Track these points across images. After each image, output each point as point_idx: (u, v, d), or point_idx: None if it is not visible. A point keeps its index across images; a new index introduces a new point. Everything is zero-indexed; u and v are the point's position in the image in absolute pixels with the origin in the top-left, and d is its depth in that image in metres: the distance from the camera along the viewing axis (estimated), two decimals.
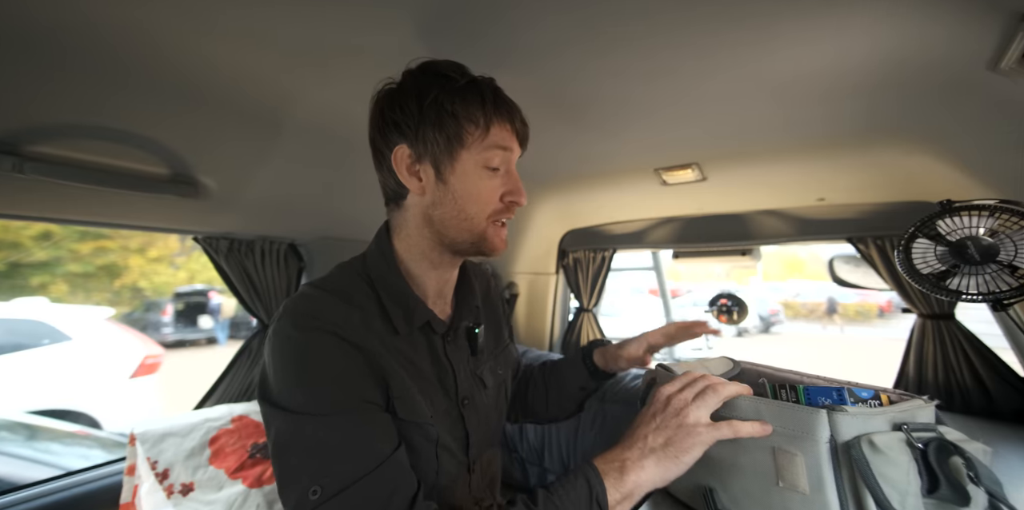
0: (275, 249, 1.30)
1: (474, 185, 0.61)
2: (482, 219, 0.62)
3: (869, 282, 1.26)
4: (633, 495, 0.53)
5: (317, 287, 0.61)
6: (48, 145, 0.78)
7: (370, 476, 0.50)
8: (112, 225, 1.06)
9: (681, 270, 12.35)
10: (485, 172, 0.61)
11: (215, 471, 1.03)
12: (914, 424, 0.50)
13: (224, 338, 8.64)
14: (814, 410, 0.50)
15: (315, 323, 0.55)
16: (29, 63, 0.65)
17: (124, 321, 7.28)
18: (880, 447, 0.46)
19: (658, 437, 0.55)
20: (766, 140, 1.01)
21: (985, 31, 0.59)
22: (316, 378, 0.54)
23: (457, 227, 0.62)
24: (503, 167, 0.63)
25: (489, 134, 0.60)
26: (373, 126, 0.64)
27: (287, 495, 0.51)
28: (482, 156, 0.60)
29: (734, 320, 1.66)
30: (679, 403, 0.57)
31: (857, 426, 0.49)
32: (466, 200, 0.61)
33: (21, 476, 1.38)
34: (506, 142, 0.62)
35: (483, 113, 0.59)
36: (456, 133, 0.59)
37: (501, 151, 0.61)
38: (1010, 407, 1.04)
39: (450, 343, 0.68)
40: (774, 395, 0.61)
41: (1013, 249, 0.69)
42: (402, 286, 0.64)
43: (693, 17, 0.61)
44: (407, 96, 0.60)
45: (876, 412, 0.50)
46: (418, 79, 0.60)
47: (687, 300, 8.29)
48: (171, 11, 0.59)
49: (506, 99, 0.63)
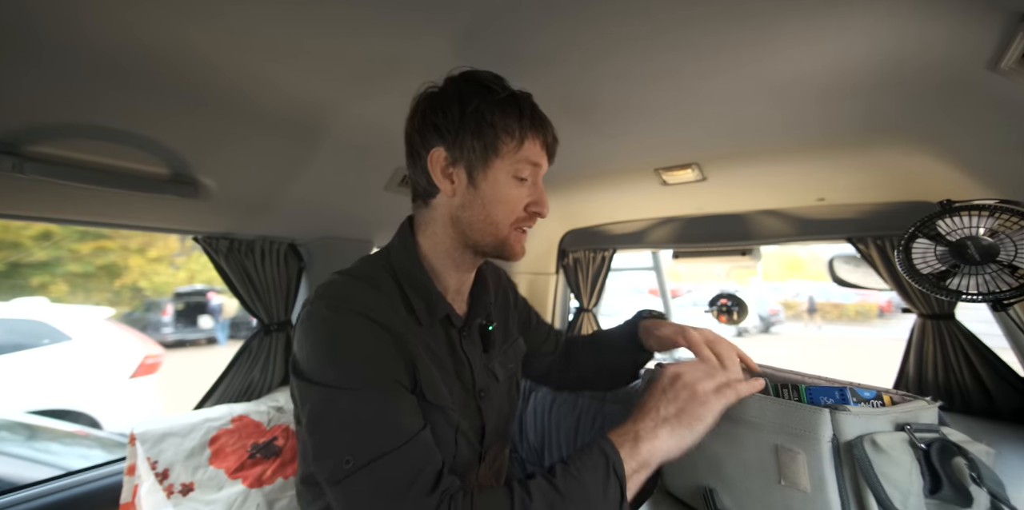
0: (275, 249, 1.30)
1: (503, 192, 0.65)
2: (506, 225, 0.66)
3: (869, 282, 1.26)
4: (649, 463, 0.54)
5: (346, 275, 0.65)
6: (48, 145, 0.78)
7: (399, 450, 0.53)
8: (112, 225, 1.06)
9: (681, 270, 12.35)
10: (514, 181, 0.65)
11: (215, 471, 1.03)
12: (917, 425, 0.50)
13: (224, 338, 8.64)
14: (817, 409, 0.51)
15: (347, 305, 0.58)
16: (29, 63, 0.65)
17: (124, 321, 7.28)
18: (883, 447, 0.46)
19: (670, 407, 0.56)
20: (766, 140, 1.01)
21: (985, 31, 0.59)
22: (349, 355, 0.57)
23: (482, 230, 0.66)
24: (531, 179, 0.67)
25: (523, 147, 0.64)
26: (412, 126, 0.67)
27: (322, 465, 0.54)
28: (513, 167, 0.64)
29: (734, 320, 1.66)
30: (690, 378, 0.58)
31: (860, 426, 0.49)
32: (494, 205, 0.65)
33: (21, 476, 1.39)
34: (537, 158, 0.66)
35: (520, 127, 0.63)
36: (493, 142, 0.63)
37: (531, 165, 0.66)
38: (1010, 407, 1.04)
39: (465, 337, 0.71)
40: (776, 394, 0.61)
41: (1013, 249, 0.69)
42: (425, 280, 0.67)
43: (694, 18, 0.61)
44: (450, 102, 0.63)
45: (879, 412, 0.50)
46: (461, 87, 0.64)
47: (687, 300, 8.30)
48: (171, 10, 0.59)
49: (541, 115, 0.67)
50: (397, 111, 0.70)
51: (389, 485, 0.51)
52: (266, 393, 1.29)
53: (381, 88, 0.82)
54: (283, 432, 1.13)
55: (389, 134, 1.02)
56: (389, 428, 0.54)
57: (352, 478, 0.51)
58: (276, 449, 1.10)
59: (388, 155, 1.13)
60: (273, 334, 1.30)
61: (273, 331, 1.30)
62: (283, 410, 1.19)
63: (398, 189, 1.26)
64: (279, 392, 1.29)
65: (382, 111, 0.91)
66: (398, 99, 0.86)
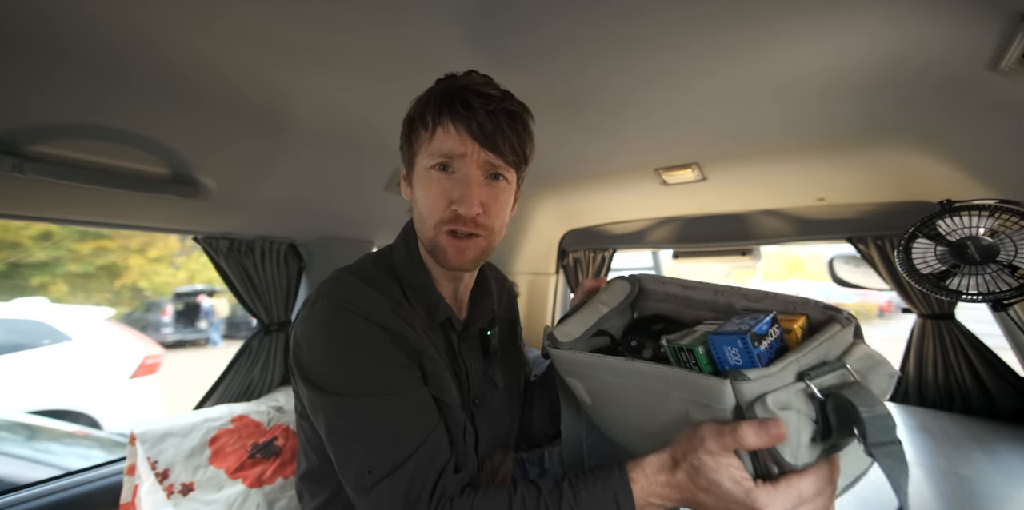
0: (275, 249, 1.30)
1: (424, 189, 0.60)
2: (431, 225, 0.60)
3: (869, 282, 1.26)
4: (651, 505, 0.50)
5: (349, 273, 0.63)
6: (48, 145, 0.78)
7: (417, 453, 0.53)
8: (112, 225, 1.06)
9: (681, 270, 12.37)
10: (432, 174, 0.59)
11: (215, 471, 1.03)
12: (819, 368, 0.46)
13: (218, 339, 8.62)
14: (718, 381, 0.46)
15: (351, 307, 0.57)
16: (29, 63, 0.65)
17: (124, 321, 7.28)
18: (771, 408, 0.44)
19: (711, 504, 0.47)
20: (766, 140, 1.01)
21: (985, 31, 0.59)
22: (359, 361, 0.55)
23: (420, 230, 0.63)
24: (460, 172, 0.58)
25: (435, 137, 0.58)
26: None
27: (346, 475, 0.54)
28: (428, 160, 0.59)
29: None
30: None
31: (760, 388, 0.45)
32: (421, 204, 0.61)
33: (21, 476, 1.38)
34: (452, 147, 0.57)
35: (430, 114, 0.58)
36: (410, 137, 0.61)
37: (444, 157, 0.58)
38: (1010, 407, 1.04)
39: (464, 342, 0.69)
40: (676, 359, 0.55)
41: (1013, 249, 0.69)
42: (427, 282, 0.65)
43: (694, 17, 0.61)
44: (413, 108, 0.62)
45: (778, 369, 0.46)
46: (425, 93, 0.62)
47: None
48: (171, 10, 0.59)
49: (463, 98, 0.56)
50: (396, 112, 0.70)
51: (411, 490, 0.51)
52: (266, 393, 1.29)
53: (381, 89, 0.82)
54: (283, 432, 1.13)
55: (389, 135, 1.02)
56: (406, 433, 0.54)
57: (378, 488, 0.51)
58: (276, 449, 1.10)
59: (388, 156, 1.13)
60: (273, 334, 1.30)
61: (273, 331, 1.30)
62: (283, 410, 1.18)
63: (398, 189, 1.26)
64: (279, 392, 1.29)
65: (382, 112, 0.91)
66: (398, 100, 0.86)
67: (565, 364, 0.61)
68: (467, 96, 0.57)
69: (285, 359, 1.33)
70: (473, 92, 0.57)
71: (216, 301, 8.71)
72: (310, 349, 0.57)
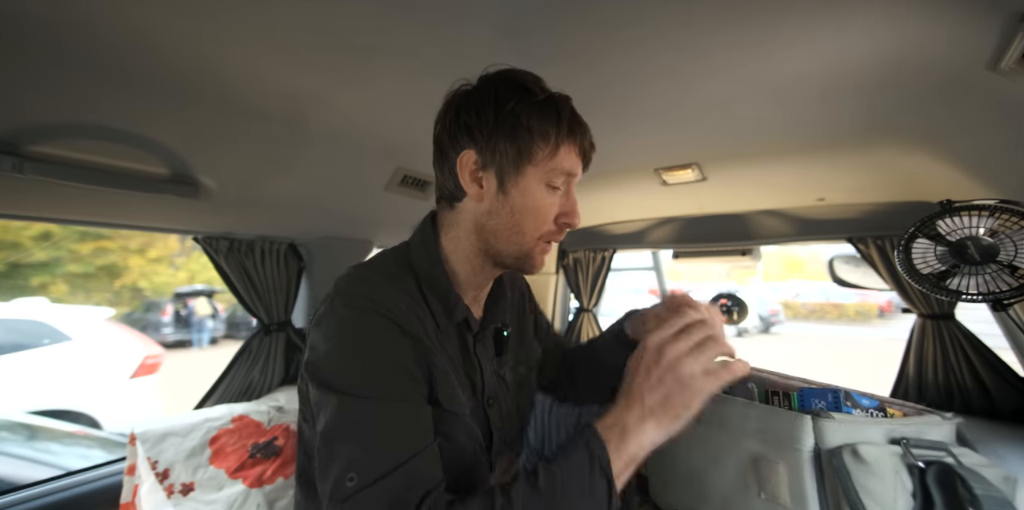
0: (275, 249, 1.30)
1: (534, 201, 0.61)
2: (534, 237, 0.62)
3: (869, 282, 1.26)
4: (636, 459, 0.52)
5: (368, 269, 0.62)
6: (48, 145, 0.78)
7: (405, 467, 0.50)
8: (112, 225, 1.06)
9: (681, 270, 12.36)
10: (547, 190, 0.61)
11: (215, 471, 1.03)
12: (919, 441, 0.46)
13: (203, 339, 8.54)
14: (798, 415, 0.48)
15: (370, 305, 0.55)
16: (29, 63, 0.65)
17: (124, 321, 7.27)
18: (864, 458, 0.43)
19: (655, 394, 0.52)
20: (766, 140, 1.01)
21: (985, 31, 0.59)
22: (370, 361, 0.54)
23: (507, 240, 0.62)
24: (564, 188, 0.63)
25: (558, 154, 0.60)
26: (443, 126, 0.63)
27: (324, 482, 0.51)
28: (547, 175, 0.60)
29: (734, 320, 1.66)
30: (673, 354, 0.53)
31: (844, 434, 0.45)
32: (523, 215, 0.61)
33: (21, 476, 1.38)
34: (572, 166, 0.62)
35: (556, 132, 0.59)
36: (527, 147, 0.59)
37: (565, 174, 0.61)
38: (1010, 407, 1.04)
39: (479, 342, 0.69)
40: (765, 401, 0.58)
41: (1013, 249, 0.69)
42: (446, 282, 0.64)
43: (694, 18, 0.61)
44: (484, 102, 0.59)
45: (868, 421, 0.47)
46: (497, 86, 0.60)
47: None
48: (171, 10, 0.59)
49: (580, 120, 0.63)
50: (397, 111, 0.70)
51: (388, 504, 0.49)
52: (266, 393, 1.29)
53: (382, 90, 0.82)
54: (283, 432, 1.13)
55: (389, 134, 1.02)
56: (402, 442, 0.52)
57: (358, 497, 0.48)
58: (276, 449, 1.10)
59: (388, 155, 1.13)
60: (273, 334, 1.30)
61: (273, 331, 1.30)
62: (283, 410, 1.18)
63: (398, 189, 1.26)
64: (279, 392, 1.29)
65: (383, 111, 0.91)
66: (398, 99, 0.86)
67: None
68: (578, 117, 0.62)
69: (285, 359, 1.33)
70: (575, 113, 0.63)
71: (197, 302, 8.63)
72: (325, 347, 0.56)
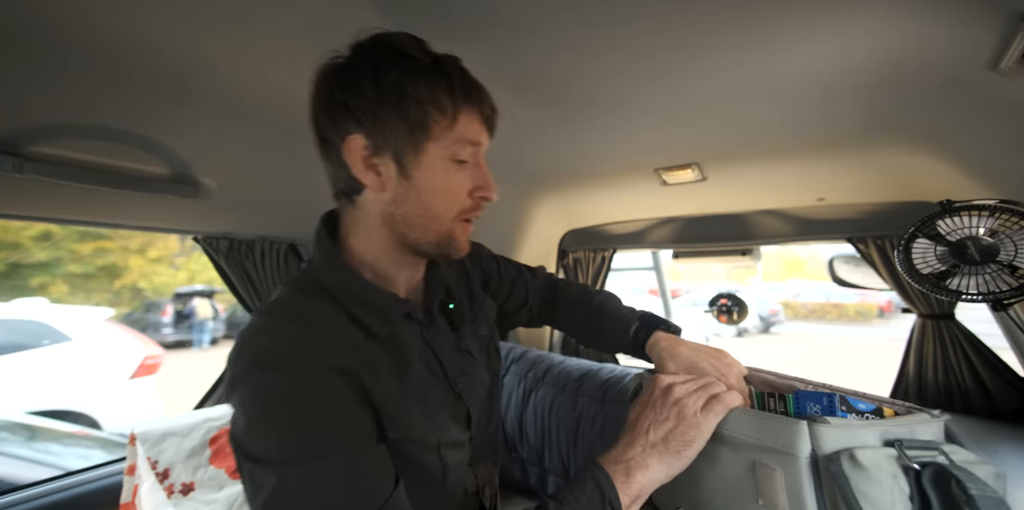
0: (275, 249, 1.30)
1: (442, 180, 0.55)
2: (449, 217, 0.57)
3: (869, 282, 1.26)
4: (642, 496, 0.52)
5: (269, 315, 0.54)
6: (48, 145, 0.78)
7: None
8: (112, 225, 1.06)
9: (681, 270, 12.35)
10: (453, 165, 0.55)
11: (215, 471, 1.03)
12: (912, 441, 0.46)
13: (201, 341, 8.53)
14: (794, 421, 0.47)
15: (279, 358, 0.48)
16: (29, 63, 0.65)
17: (124, 321, 7.28)
18: (862, 463, 0.42)
19: (658, 431, 0.53)
20: (766, 140, 1.01)
21: (985, 31, 0.59)
22: (298, 422, 0.47)
23: (422, 227, 0.56)
24: (472, 160, 0.57)
25: (457, 124, 0.53)
26: (318, 108, 0.55)
27: None
28: (450, 149, 0.54)
29: (734, 320, 1.66)
30: (680, 392, 0.55)
31: (840, 439, 0.45)
32: (433, 197, 0.55)
33: (21, 476, 1.38)
34: (476, 135, 0.56)
35: (451, 99, 0.52)
36: (421, 122, 0.52)
37: (470, 145, 0.55)
38: (1010, 407, 1.04)
39: (427, 328, 0.63)
40: (761, 405, 0.57)
41: (1013, 249, 0.69)
42: (367, 288, 0.57)
43: (694, 17, 0.61)
44: (361, 76, 0.51)
45: (863, 425, 0.46)
46: (372, 56, 0.52)
47: (687, 300, 8.30)
48: (172, 10, 0.59)
49: (475, 83, 0.56)
50: None
51: None
52: None
53: None
54: None
55: None
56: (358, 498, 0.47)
57: None
58: None
59: None
60: None
61: None
62: None
63: None
64: None
65: None
66: None
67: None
68: (472, 80, 0.56)
69: None
70: (468, 74, 0.56)
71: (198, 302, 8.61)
72: (246, 418, 0.48)
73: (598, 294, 0.86)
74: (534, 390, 1.47)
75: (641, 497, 0.52)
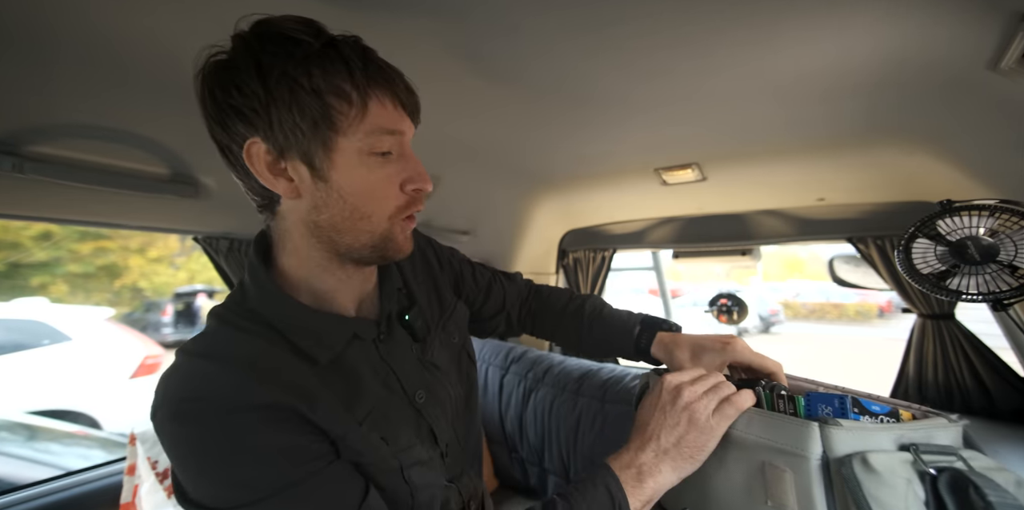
0: None
1: (363, 179, 0.49)
2: (383, 217, 0.51)
3: (869, 282, 1.26)
4: (652, 500, 0.51)
5: (193, 354, 0.48)
6: (48, 145, 0.78)
7: None
8: (112, 225, 1.06)
9: (681, 270, 12.34)
10: (374, 159, 0.49)
11: None
12: (928, 446, 0.45)
13: None
14: (805, 423, 0.47)
15: (198, 406, 0.43)
16: (29, 63, 0.65)
17: (124, 321, 7.27)
18: (875, 467, 0.42)
19: (670, 436, 0.52)
20: (766, 140, 1.01)
21: (985, 31, 0.59)
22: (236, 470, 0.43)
23: (353, 230, 0.50)
24: (395, 150, 0.51)
25: (368, 112, 0.47)
26: (207, 115, 0.48)
27: None
28: (366, 141, 0.48)
29: (734, 320, 1.66)
30: (689, 396, 0.54)
31: (853, 442, 0.44)
32: (358, 198, 0.49)
33: (21, 476, 1.38)
34: (393, 123, 0.49)
35: (353, 85, 0.46)
36: (324, 115, 0.45)
37: (388, 134, 0.49)
38: (1010, 407, 1.04)
39: (383, 343, 0.58)
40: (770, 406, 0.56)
41: (1013, 249, 0.69)
42: (303, 312, 0.52)
43: (694, 16, 0.61)
44: (243, 72, 0.45)
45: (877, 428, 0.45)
46: (253, 47, 0.45)
47: (687, 300, 8.30)
48: (172, 9, 0.59)
49: (382, 63, 0.49)
50: None
51: None
52: None
53: None
54: None
55: None
56: None
57: None
58: None
59: None
60: None
61: None
62: None
63: None
64: None
65: None
66: None
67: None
68: (376, 60, 0.49)
69: None
70: (373, 54, 0.49)
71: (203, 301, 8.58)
72: (180, 469, 0.44)
73: (588, 300, 0.83)
74: (534, 390, 1.47)
75: (652, 501, 0.51)
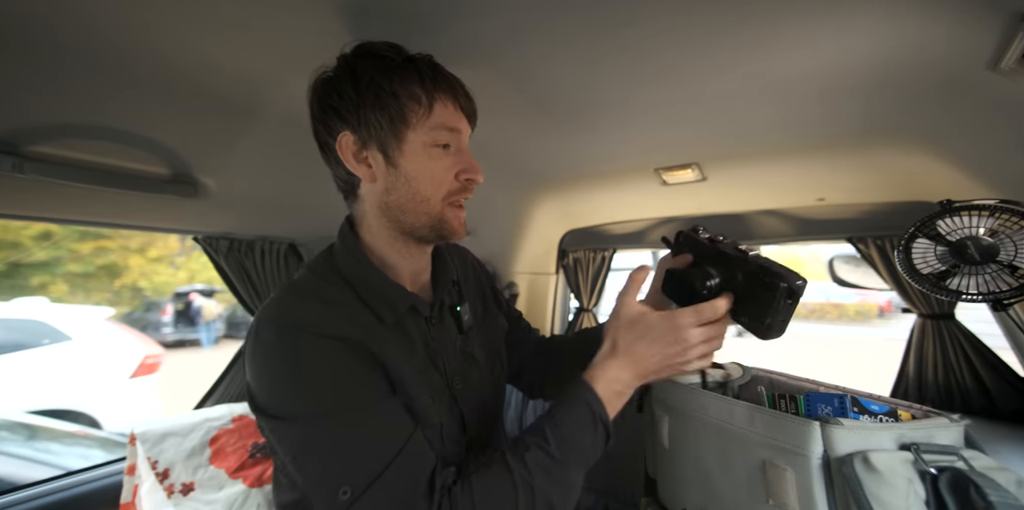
0: (275, 249, 1.30)
1: (425, 165, 0.60)
2: (437, 200, 0.61)
3: (869, 282, 1.26)
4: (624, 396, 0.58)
5: (290, 291, 0.60)
6: (48, 145, 0.78)
7: (393, 465, 0.50)
8: (112, 225, 1.06)
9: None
10: (435, 150, 0.60)
11: (215, 471, 1.03)
12: (929, 445, 0.45)
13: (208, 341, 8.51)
14: (807, 421, 0.47)
15: (295, 328, 0.54)
16: (29, 63, 0.65)
17: (124, 321, 7.27)
18: (875, 466, 0.42)
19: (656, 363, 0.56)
20: (766, 140, 1.00)
21: (985, 31, 0.59)
22: (313, 381, 0.52)
23: (414, 211, 0.61)
24: (454, 145, 0.62)
25: (433, 111, 0.59)
26: (314, 117, 0.63)
27: (317, 498, 0.51)
28: (429, 135, 0.59)
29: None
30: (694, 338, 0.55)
31: (854, 441, 0.44)
32: (419, 181, 0.60)
33: (21, 476, 1.38)
34: (452, 122, 0.61)
35: (423, 89, 0.58)
36: (399, 112, 0.58)
37: (448, 131, 0.60)
38: (1010, 407, 1.04)
39: (435, 326, 0.67)
40: (772, 404, 0.57)
41: (1013, 249, 0.69)
42: (377, 277, 0.62)
43: (694, 18, 0.61)
44: (342, 81, 0.59)
45: (878, 427, 0.45)
46: (352, 62, 0.59)
47: None
48: (172, 10, 0.59)
49: (446, 74, 0.62)
50: None
51: (392, 503, 0.49)
52: None
53: None
54: None
55: None
56: (378, 445, 0.51)
57: (355, 506, 0.48)
58: None
59: None
60: None
61: None
62: None
63: None
64: None
65: None
66: None
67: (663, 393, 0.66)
68: (443, 71, 0.62)
69: None
70: (441, 68, 0.62)
71: (205, 302, 8.55)
72: (261, 379, 0.55)
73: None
74: None
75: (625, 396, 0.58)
